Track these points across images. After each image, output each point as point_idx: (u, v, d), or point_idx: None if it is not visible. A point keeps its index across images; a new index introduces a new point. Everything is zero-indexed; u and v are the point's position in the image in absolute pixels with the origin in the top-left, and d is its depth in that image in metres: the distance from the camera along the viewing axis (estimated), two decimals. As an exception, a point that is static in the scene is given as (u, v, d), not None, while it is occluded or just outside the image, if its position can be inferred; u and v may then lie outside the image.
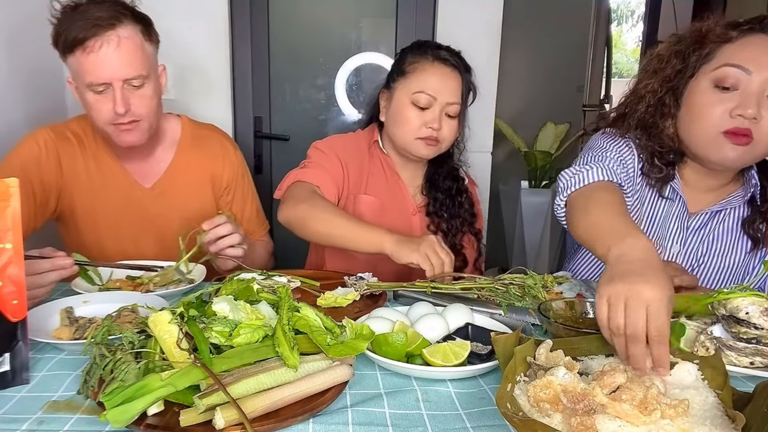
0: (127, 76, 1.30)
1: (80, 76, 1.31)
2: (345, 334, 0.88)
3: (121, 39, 1.29)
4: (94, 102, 1.32)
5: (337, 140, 1.57)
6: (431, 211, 1.59)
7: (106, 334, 0.84)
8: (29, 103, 1.91)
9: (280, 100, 2.58)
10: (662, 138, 1.25)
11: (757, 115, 1.09)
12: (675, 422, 0.66)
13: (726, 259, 1.31)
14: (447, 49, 1.50)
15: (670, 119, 1.23)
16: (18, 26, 1.85)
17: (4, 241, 0.80)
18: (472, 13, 2.40)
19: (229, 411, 0.69)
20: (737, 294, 0.96)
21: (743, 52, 1.12)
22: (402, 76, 1.49)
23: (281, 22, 2.48)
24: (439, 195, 1.59)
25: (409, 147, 1.49)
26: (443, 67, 1.46)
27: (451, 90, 1.45)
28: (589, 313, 1.03)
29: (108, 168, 1.49)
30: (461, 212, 1.60)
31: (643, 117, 1.26)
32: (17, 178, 0.82)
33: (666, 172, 1.26)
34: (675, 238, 1.32)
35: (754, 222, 1.28)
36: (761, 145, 1.13)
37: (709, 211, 1.30)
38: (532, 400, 0.70)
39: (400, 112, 1.47)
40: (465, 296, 1.16)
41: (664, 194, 1.30)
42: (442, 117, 1.45)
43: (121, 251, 1.48)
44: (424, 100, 1.44)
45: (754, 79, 1.10)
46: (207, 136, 1.60)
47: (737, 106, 1.10)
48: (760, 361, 0.89)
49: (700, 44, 1.18)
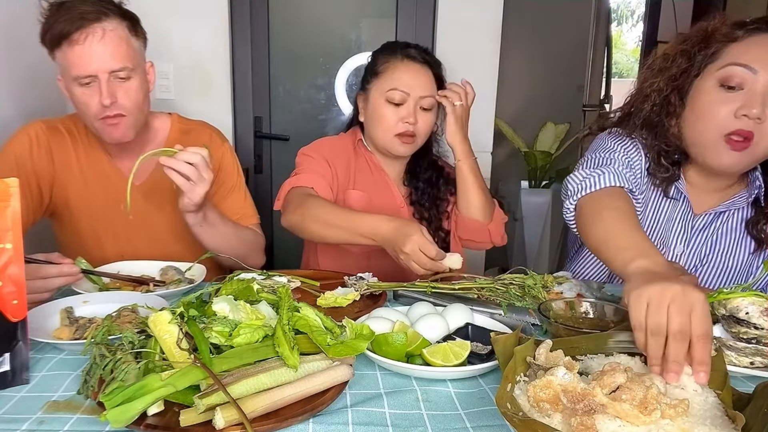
0: (113, 67, 1.31)
1: (67, 71, 1.31)
2: (345, 334, 0.88)
3: (106, 31, 1.30)
4: (81, 95, 1.33)
5: (321, 143, 1.64)
6: (414, 200, 1.65)
7: (106, 334, 0.84)
8: (26, 101, 1.90)
9: (280, 100, 2.58)
10: (668, 137, 1.24)
11: (761, 115, 1.09)
12: (675, 422, 0.66)
13: (729, 259, 1.31)
14: (416, 47, 1.57)
15: (675, 118, 1.22)
16: (15, 24, 1.85)
17: (4, 241, 0.80)
18: (472, 13, 2.40)
19: (229, 411, 0.69)
20: (737, 294, 0.96)
21: (749, 51, 1.12)
22: (375, 76, 1.56)
23: (281, 22, 2.48)
24: (420, 184, 1.65)
25: (388, 145, 1.55)
26: (413, 63, 1.53)
27: (423, 84, 1.52)
28: (589, 313, 1.03)
29: (100, 165, 1.49)
30: (442, 193, 1.65)
31: (648, 116, 1.25)
32: (17, 178, 0.82)
33: (672, 171, 1.26)
34: (679, 239, 1.32)
35: (758, 223, 1.27)
36: (761, 146, 1.12)
37: (713, 211, 1.29)
38: (532, 400, 0.70)
39: (377, 111, 1.54)
40: (465, 296, 1.16)
41: (669, 194, 1.29)
42: (416, 111, 1.51)
43: (118, 249, 1.48)
44: (398, 97, 1.50)
45: (760, 79, 1.09)
46: (194, 130, 1.60)
47: (742, 106, 1.10)
48: (760, 361, 0.89)
49: (705, 43, 1.17)
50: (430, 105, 1.53)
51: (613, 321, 1.00)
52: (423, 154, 1.65)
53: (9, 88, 1.85)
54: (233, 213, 1.56)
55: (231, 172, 1.61)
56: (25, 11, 1.88)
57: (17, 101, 1.87)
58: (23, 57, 1.88)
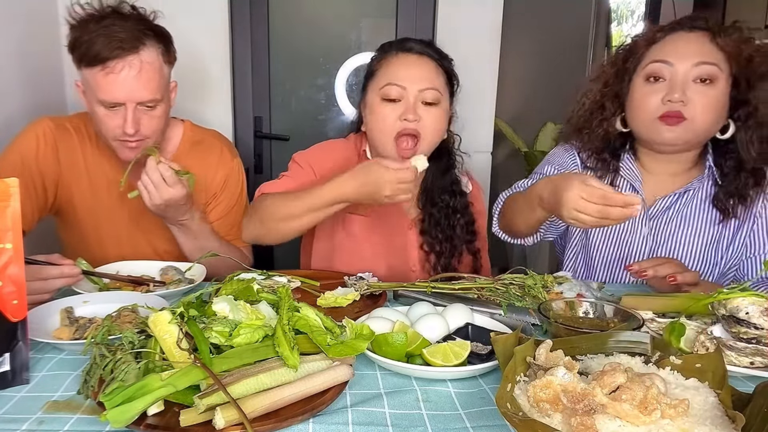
0: (143, 99, 1.31)
1: (93, 91, 1.31)
2: (345, 334, 0.88)
3: (143, 64, 1.29)
4: (104, 116, 1.33)
5: (317, 152, 1.48)
6: (425, 228, 1.49)
7: (106, 334, 0.84)
8: (31, 98, 1.91)
9: (280, 100, 2.58)
10: (600, 136, 1.42)
11: (683, 98, 1.26)
12: (675, 422, 0.66)
13: (697, 235, 1.40)
14: (414, 40, 1.43)
15: (608, 120, 1.41)
16: (22, 24, 1.85)
17: (4, 241, 0.80)
18: (472, 13, 2.40)
19: (229, 411, 0.69)
20: (737, 294, 0.96)
21: (665, 48, 1.32)
22: (371, 77, 1.43)
23: (281, 22, 2.48)
24: (434, 211, 1.49)
25: (389, 149, 1.37)
26: (408, 55, 1.39)
27: (422, 76, 1.36)
28: (589, 313, 1.03)
29: (106, 166, 1.49)
30: (457, 232, 1.50)
31: (582, 122, 1.45)
32: (17, 178, 0.82)
33: (611, 163, 1.44)
34: (641, 222, 1.43)
35: (720, 197, 1.37)
36: (696, 122, 1.28)
37: (673, 194, 1.41)
38: (532, 400, 0.70)
39: (374, 112, 1.38)
40: (465, 296, 1.16)
41: (616, 184, 1.44)
42: (417, 105, 1.35)
43: (119, 250, 1.48)
44: (394, 92, 1.35)
45: (678, 69, 1.28)
46: (205, 142, 1.59)
47: (666, 94, 1.28)
48: (760, 361, 0.89)
49: (632, 52, 1.38)
50: (435, 99, 1.36)
51: (613, 321, 1.00)
52: (443, 171, 1.49)
53: (20, 83, 1.86)
54: (227, 230, 1.56)
55: (234, 190, 1.60)
56: (31, 10, 1.89)
57: (26, 97, 1.88)
58: (34, 53, 1.89)
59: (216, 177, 1.56)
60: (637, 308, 1.04)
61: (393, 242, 1.50)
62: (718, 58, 1.27)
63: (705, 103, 1.27)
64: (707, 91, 1.27)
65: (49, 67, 2.01)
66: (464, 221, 1.51)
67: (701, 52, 1.28)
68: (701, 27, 1.31)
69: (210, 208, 1.57)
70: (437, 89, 1.37)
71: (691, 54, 1.28)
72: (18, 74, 1.86)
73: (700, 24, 1.31)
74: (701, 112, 1.27)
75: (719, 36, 1.28)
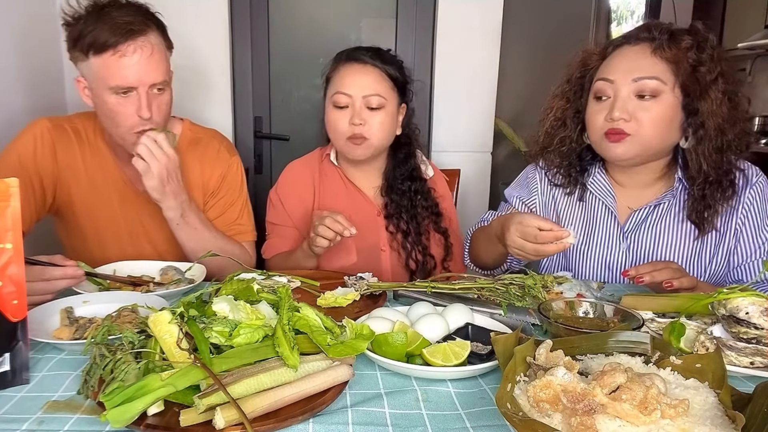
0: (155, 80, 1.33)
1: (103, 79, 1.30)
2: (345, 334, 0.88)
3: (153, 46, 1.32)
4: (116, 105, 1.32)
5: (282, 183, 1.65)
6: (389, 213, 1.62)
7: (106, 334, 0.84)
8: (31, 98, 1.92)
9: (280, 100, 2.58)
10: (564, 153, 1.45)
11: (624, 116, 1.26)
12: (675, 422, 0.66)
13: (674, 250, 1.38)
14: (363, 49, 1.54)
15: (570, 137, 1.42)
16: (22, 24, 1.86)
17: (4, 241, 0.80)
18: (472, 13, 2.40)
19: (229, 411, 0.69)
20: (737, 294, 0.96)
21: (609, 65, 1.32)
22: (326, 85, 1.56)
23: (281, 22, 2.48)
24: (395, 197, 1.61)
25: (344, 151, 1.55)
26: (354, 64, 1.51)
27: (366, 83, 1.49)
28: (589, 313, 1.03)
29: (106, 167, 1.49)
30: (421, 212, 1.63)
31: (546, 140, 1.48)
32: (17, 178, 0.82)
33: (578, 178, 1.46)
34: (617, 237, 1.42)
35: (694, 211, 1.35)
36: (642, 135, 1.27)
37: (648, 205, 1.39)
38: (532, 400, 0.70)
39: (327, 118, 1.54)
40: (465, 296, 1.16)
41: (584, 199, 1.46)
42: (362, 111, 1.49)
43: (120, 250, 1.48)
44: (342, 100, 1.49)
45: (618, 86, 1.28)
46: (203, 140, 1.59)
47: (608, 112, 1.29)
48: (760, 361, 0.89)
49: (587, 67, 1.40)
50: (379, 104, 1.49)
51: (613, 321, 1.00)
52: (401, 163, 1.63)
53: (20, 83, 1.86)
54: (227, 226, 1.56)
55: (233, 186, 1.60)
56: (31, 12, 1.89)
57: (26, 97, 1.89)
58: (34, 53, 1.89)
59: (214, 174, 1.57)
60: (637, 308, 1.04)
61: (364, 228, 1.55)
62: (659, 71, 1.25)
63: (648, 117, 1.26)
64: (650, 106, 1.25)
65: (49, 67, 2.02)
66: (426, 203, 1.64)
67: (639, 67, 1.26)
68: (645, 39, 1.28)
69: (209, 206, 1.57)
70: (380, 95, 1.50)
71: (631, 69, 1.27)
72: (18, 74, 1.86)
73: (644, 36, 1.28)
74: (646, 126, 1.26)
75: (661, 47, 1.25)
